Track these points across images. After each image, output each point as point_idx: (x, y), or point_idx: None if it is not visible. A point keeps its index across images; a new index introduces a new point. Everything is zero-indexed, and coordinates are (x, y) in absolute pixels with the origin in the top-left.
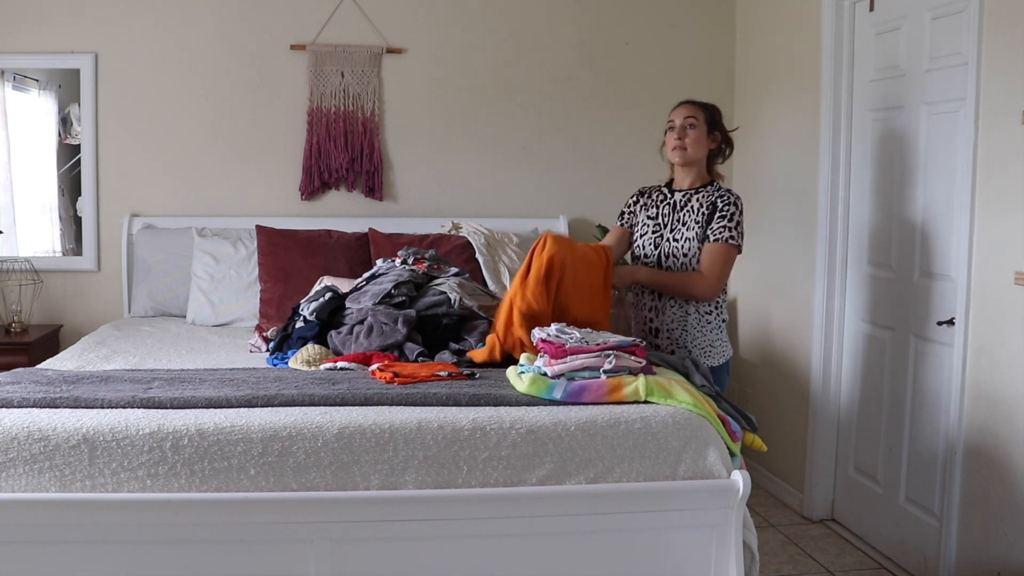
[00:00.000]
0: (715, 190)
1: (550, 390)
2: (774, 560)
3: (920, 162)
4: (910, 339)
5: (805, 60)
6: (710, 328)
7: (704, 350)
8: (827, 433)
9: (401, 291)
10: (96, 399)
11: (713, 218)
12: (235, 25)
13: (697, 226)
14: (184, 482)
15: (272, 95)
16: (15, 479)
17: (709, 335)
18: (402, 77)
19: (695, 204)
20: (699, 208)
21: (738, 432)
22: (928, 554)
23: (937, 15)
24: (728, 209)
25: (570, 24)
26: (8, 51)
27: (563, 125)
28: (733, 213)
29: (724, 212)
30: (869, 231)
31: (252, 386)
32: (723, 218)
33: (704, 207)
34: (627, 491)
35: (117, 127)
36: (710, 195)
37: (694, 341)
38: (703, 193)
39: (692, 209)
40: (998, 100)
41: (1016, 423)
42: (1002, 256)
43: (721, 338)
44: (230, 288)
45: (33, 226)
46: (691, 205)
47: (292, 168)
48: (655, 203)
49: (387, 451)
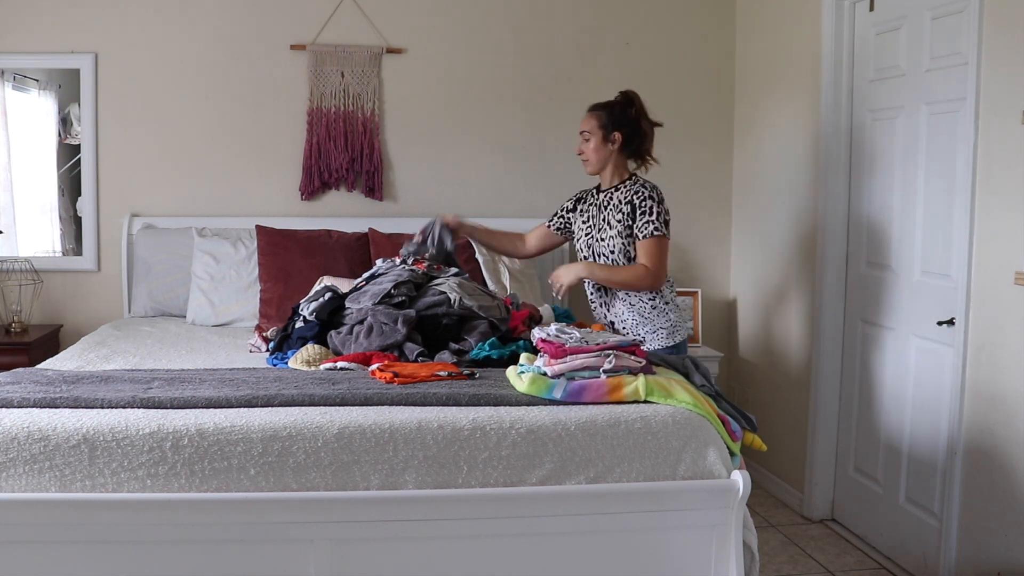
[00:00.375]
0: (631, 185)
1: (550, 390)
2: (774, 560)
3: (920, 162)
4: (910, 339)
5: (805, 60)
6: (659, 312)
7: (660, 333)
8: (827, 433)
9: (401, 291)
10: (96, 399)
11: (636, 217)
12: (235, 25)
13: (619, 224)
14: (184, 482)
15: (272, 95)
16: (15, 479)
17: (660, 318)
18: (402, 77)
19: (615, 202)
20: (619, 206)
21: (738, 432)
22: (928, 554)
23: (937, 15)
24: (646, 204)
25: (570, 24)
26: (8, 51)
27: (563, 125)
28: (651, 206)
29: (644, 208)
30: (869, 231)
31: (252, 386)
32: (644, 214)
33: (623, 204)
34: (627, 491)
35: (117, 127)
36: (627, 192)
37: (648, 326)
38: (621, 191)
39: (614, 208)
40: (998, 100)
41: (1016, 423)
42: (1002, 256)
43: (674, 319)
44: (230, 288)
45: (33, 226)
46: (612, 204)
47: (292, 168)
48: (588, 207)
49: (387, 451)
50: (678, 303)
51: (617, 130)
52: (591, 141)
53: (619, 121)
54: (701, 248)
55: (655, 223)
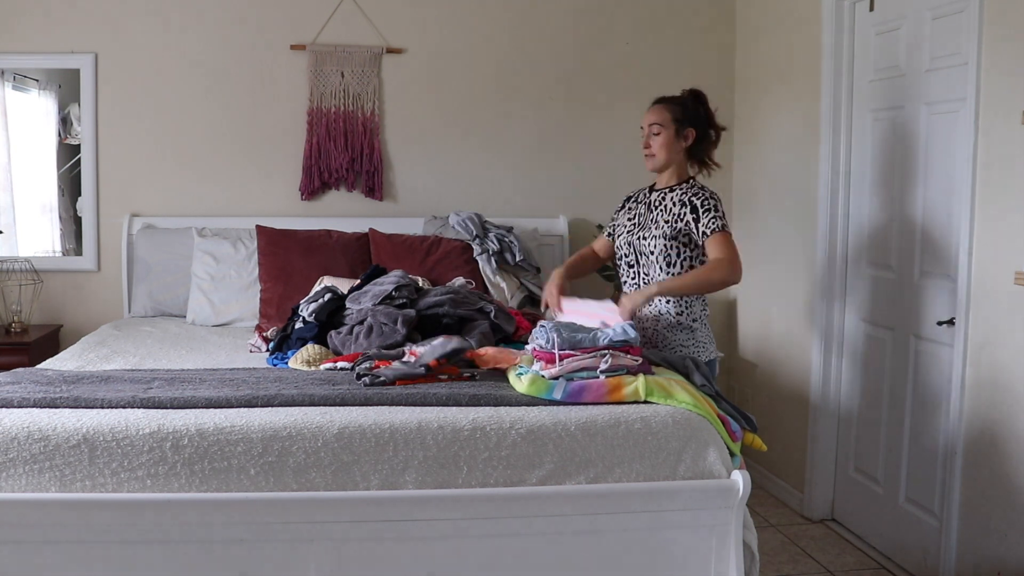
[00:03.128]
0: (689, 188)
1: (550, 391)
2: (774, 560)
3: (920, 162)
4: (910, 339)
5: (805, 60)
6: (682, 328)
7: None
8: (827, 433)
9: (402, 293)
10: (96, 399)
11: (700, 217)
12: (235, 25)
13: (667, 225)
14: (184, 482)
15: (272, 95)
16: (15, 479)
17: (684, 335)
18: (402, 77)
19: (668, 204)
20: (671, 208)
21: (738, 432)
22: (928, 554)
23: (937, 15)
24: (709, 203)
25: (570, 24)
26: (8, 51)
27: (563, 125)
28: (716, 204)
29: (707, 206)
30: (869, 231)
31: (252, 386)
32: (708, 211)
33: (676, 206)
34: (627, 491)
35: (117, 127)
36: (683, 194)
37: (670, 342)
38: (676, 192)
39: (665, 208)
40: (998, 100)
41: (1016, 423)
42: (1002, 256)
43: (700, 338)
44: (230, 288)
45: (33, 226)
46: (664, 204)
47: (292, 168)
48: (636, 205)
49: (387, 451)
50: (708, 323)
51: (692, 126)
52: (661, 135)
53: (693, 118)
54: None
55: (722, 220)
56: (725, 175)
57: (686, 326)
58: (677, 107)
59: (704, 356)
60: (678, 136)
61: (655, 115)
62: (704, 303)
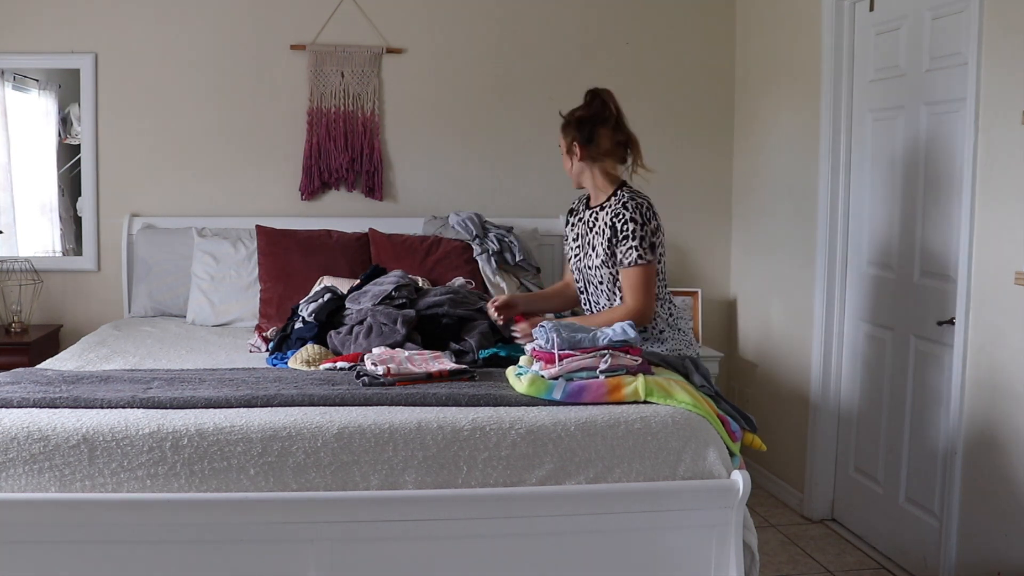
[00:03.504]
0: (616, 203)
1: (549, 391)
2: (774, 560)
3: (920, 162)
4: (910, 339)
5: (805, 60)
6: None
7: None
8: (827, 433)
9: (402, 293)
10: (96, 399)
11: (617, 242)
12: (235, 25)
13: (603, 250)
14: (184, 482)
15: (272, 95)
16: (15, 479)
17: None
18: (402, 77)
19: (600, 225)
20: (603, 229)
21: (738, 432)
22: (928, 554)
23: (937, 15)
24: (626, 228)
25: (570, 24)
26: (8, 51)
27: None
28: (633, 229)
29: (624, 231)
30: (869, 231)
31: (252, 386)
32: (625, 239)
33: (606, 228)
34: (627, 491)
35: (117, 127)
36: (609, 212)
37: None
38: (607, 210)
39: (599, 230)
40: (998, 100)
41: (1016, 423)
42: (1002, 256)
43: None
44: (230, 288)
45: (33, 226)
46: (599, 226)
47: (292, 168)
48: (578, 222)
49: (387, 451)
50: (681, 326)
51: (575, 140)
52: (564, 159)
53: (575, 131)
54: (701, 248)
55: (638, 249)
56: (725, 175)
57: (655, 338)
58: (564, 126)
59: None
60: (570, 154)
61: (559, 138)
62: (671, 307)
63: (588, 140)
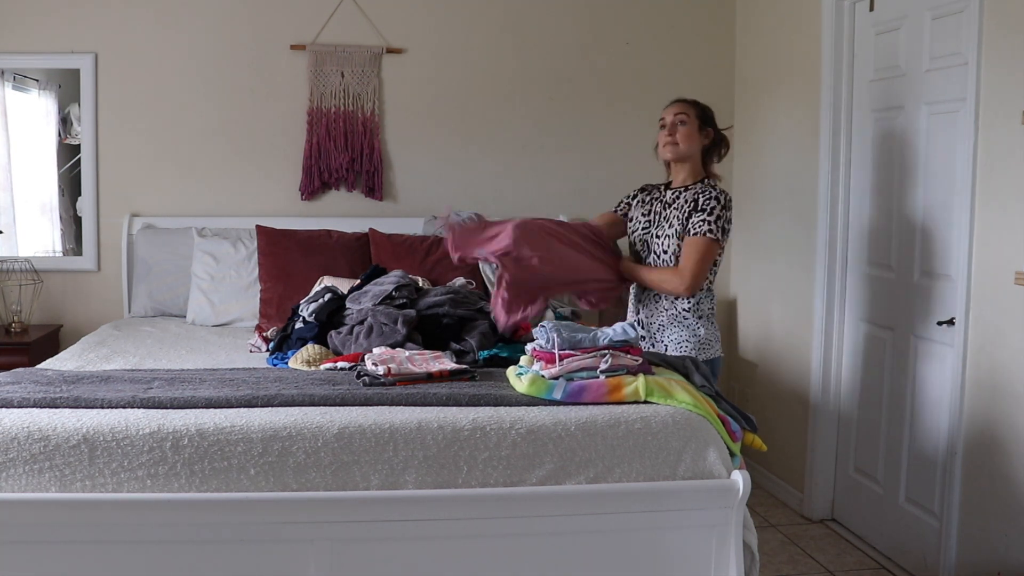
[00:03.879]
0: (703, 187)
1: (550, 391)
2: (774, 560)
3: (920, 162)
4: (910, 339)
5: (805, 60)
6: (688, 324)
7: (685, 346)
8: (827, 433)
9: (402, 293)
10: (96, 399)
11: (694, 212)
12: (235, 25)
13: (678, 223)
14: (184, 482)
15: (272, 95)
16: (15, 479)
17: (686, 331)
18: (402, 77)
19: (681, 202)
20: (683, 207)
21: (738, 432)
22: (928, 554)
23: (937, 15)
24: (709, 203)
25: (570, 24)
26: (8, 51)
27: (563, 125)
28: (714, 207)
29: (705, 206)
30: (869, 231)
31: (252, 386)
32: (703, 212)
33: (687, 204)
34: (627, 491)
35: (117, 127)
36: (695, 192)
37: (671, 337)
38: (691, 191)
39: (678, 207)
40: (998, 100)
41: (1016, 423)
42: (1002, 256)
43: (703, 335)
44: (230, 288)
45: (33, 226)
46: (678, 203)
47: (292, 168)
48: (651, 199)
49: (387, 451)
50: (713, 318)
51: (711, 128)
52: (687, 125)
53: (710, 121)
54: None
55: (711, 225)
56: (725, 175)
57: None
58: (699, 107)
59: (706, 354)
60: (700, 132)
61: (681, 107)
62: (712, 299)
63: (718, 139)
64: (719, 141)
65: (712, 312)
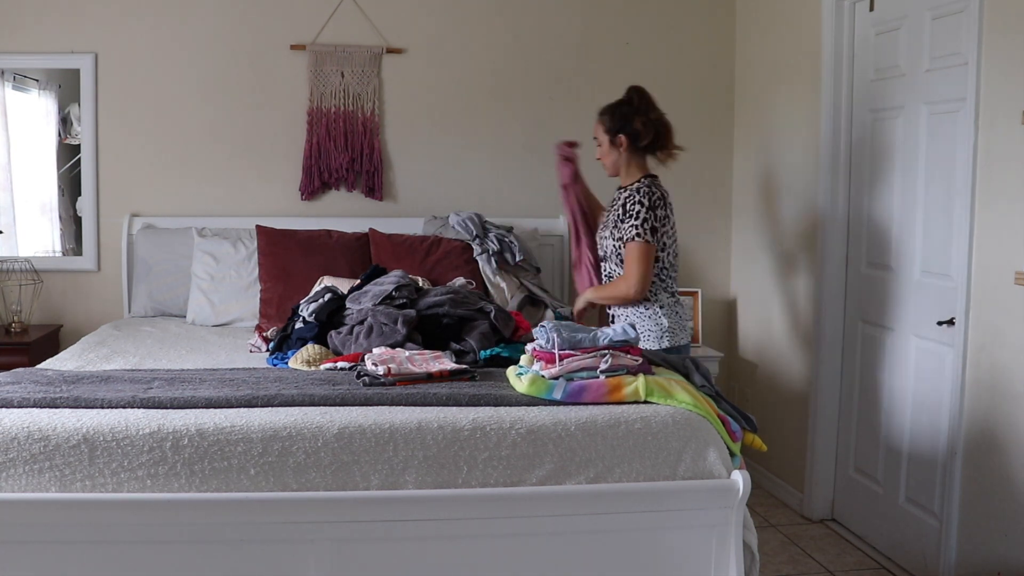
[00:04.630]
0: (635, 188)
1: (550, 391)
2: (774, 560)
3: (920, 162)
4: (910, 339)
5: (805, 60)
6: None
7: (649, 336)
8: (827, 433)
9: (402, 293)
10: (96, 399)
11: (623, 219)
12: (235, 25)
13: (612, 226)
14: (184, 482)
15: (272, 95)
16: (15, 479)
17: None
18: (402, 77)
19: (617, 205)
20: (617, 208)
21: (738, 432)
22: (928, 554)
23: (937, 15)
24: (634, 208)
25: (570, 24)
26: (8, 51)
27: (563, 125)
28: (639, 211)
29: (631, 211)
30: (869, 231)
31: (252, 386)
32: (630, 217)
33: (618, 208)
34: (627, 491)
35: (117, 127)
36: (626, 196)
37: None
38: (625, 192)
39: (614, 209)
40: (998, 100)
41: (1016, 423)
42: (1002, 256)
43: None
44: (230, 288)
45: (33, 226)
46: (615, 205)
47: (292, 168)
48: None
49: (387, 451)
50: (678, 309)
51: (621, 132)
52: (602, 146)
53: (621, 122)
54: (701, 248)
55: (638, 228)
56: (725, 175)
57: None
58: (607, 116)
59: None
60: (612, 145)
61: (594, 129)
62: (669, 290)
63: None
64: (639, 135)
65: (675, 302)
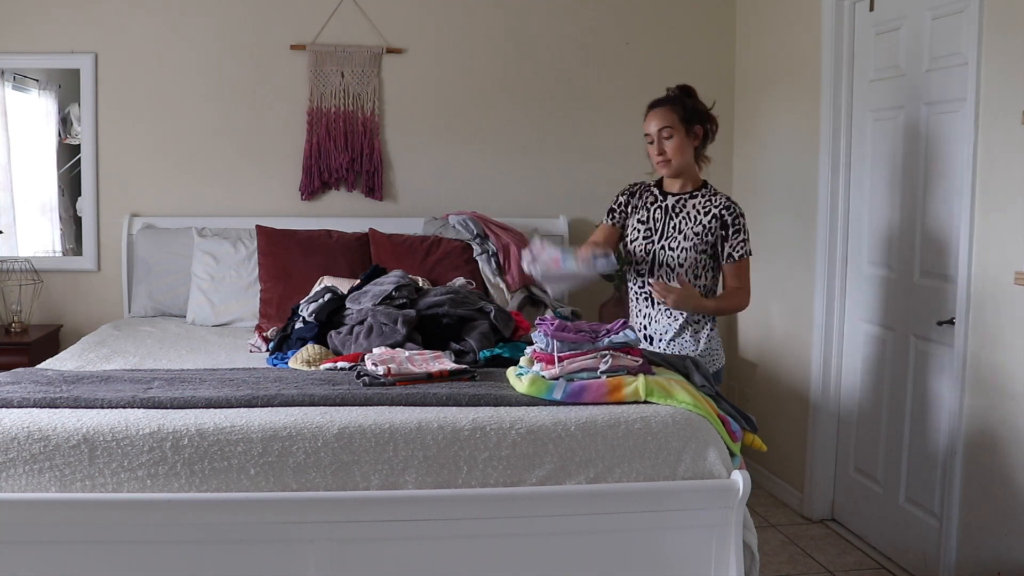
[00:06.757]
0: (713, 197)
1: (550, 391)
2: (774, 560)
3: (920, 162)
4: (910, 339)
5: (805, 60)
6: (701, 337)
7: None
8: (827, 433)
9: (402, 293)
10: (96, 399)
11: (728, 235)
12: (235, 25)
13: (696, 237)
14: (184, 482)
15: (272, 95)
16: (15, 479)
17: (700, 344)
18: (402, 77)
19: (692, 212)
20: (696, 217)
21: (738, 432)
22: (928, 554)
23: (937, 15)
24: (738, 222)
25: (570, 24)
26: (8, 51)
27: (563, 125)
28: (743, 224)
29: (737, 226)
30: (869, 231)
31: (252, 386)
32: (737, 233)
33: (705, 217)
34: (627, 491)
35: (117, 127)
36: (710, 205)
37: (685, 350)
38: (699, 200)
39: (689, 217)
40: (998, 100)
41: (1016, 423)
42: (1002, 256)
43: (712, 347)
44: (230, 288)
45: (33, 226)
46: (687, 212)
47: (292, 168)
48: (646, 205)
49: (387, 451)
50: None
51: (698, 123)
52: (674, 138)
53: (695, 115)
54: None
55: (746, 243)
56: (725, 175)
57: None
58: (679, 107)
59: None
60: (689, 136)
61: (662, 118)
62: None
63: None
64: (709, 130)
65: (713, 320)
